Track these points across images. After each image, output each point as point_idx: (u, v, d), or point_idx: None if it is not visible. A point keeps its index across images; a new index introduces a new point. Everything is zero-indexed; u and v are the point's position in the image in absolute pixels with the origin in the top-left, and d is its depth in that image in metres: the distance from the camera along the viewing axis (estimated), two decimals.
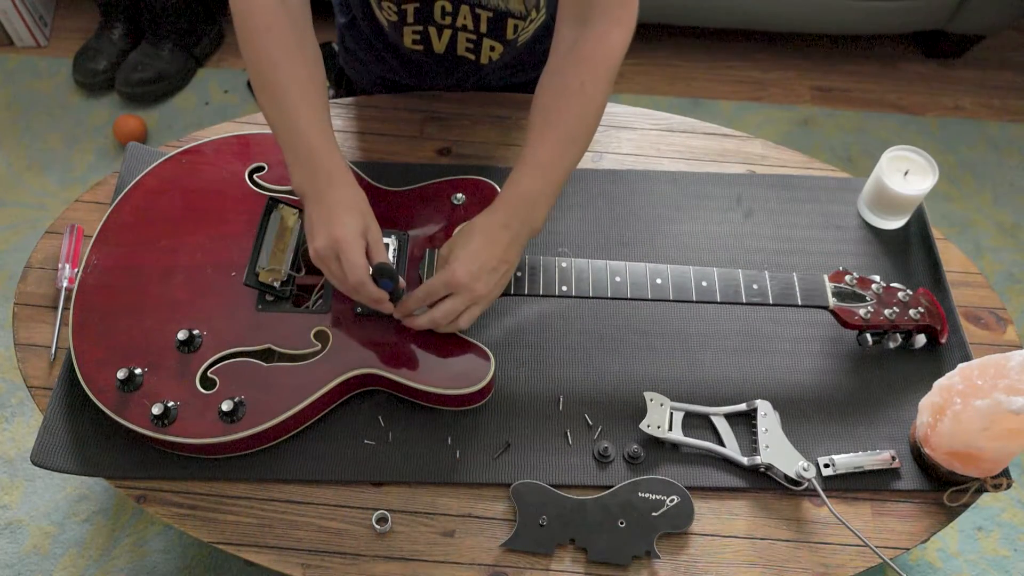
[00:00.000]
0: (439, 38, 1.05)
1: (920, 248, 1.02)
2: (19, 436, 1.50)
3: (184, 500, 0.83)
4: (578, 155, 0.87)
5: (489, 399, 0.88)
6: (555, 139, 0.85)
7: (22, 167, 1.88)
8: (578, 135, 0.86)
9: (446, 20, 1.02)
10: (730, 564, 0.81)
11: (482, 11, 0.99)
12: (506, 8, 0.98)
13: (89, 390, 0.83)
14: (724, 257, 1.01)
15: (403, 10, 1.00)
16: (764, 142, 1.13)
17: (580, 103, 0.85)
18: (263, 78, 0.84)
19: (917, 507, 0.85)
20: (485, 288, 0.82)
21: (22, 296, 0.96)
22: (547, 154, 0.84)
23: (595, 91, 0.85)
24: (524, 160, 0.85)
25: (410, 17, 1.02)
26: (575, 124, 0.85)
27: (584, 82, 0.85)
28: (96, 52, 1.98)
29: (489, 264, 0.81)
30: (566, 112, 0.85)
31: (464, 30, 1.03)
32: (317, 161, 0.82)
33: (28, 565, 1.36)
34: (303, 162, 0.83)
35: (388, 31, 1.07)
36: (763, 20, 2.01)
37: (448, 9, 1.00)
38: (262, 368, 0.84)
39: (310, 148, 0.82)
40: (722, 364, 0.93)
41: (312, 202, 0.82)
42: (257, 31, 0.84)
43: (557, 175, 0.85)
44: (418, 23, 1.02)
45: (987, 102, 2.08)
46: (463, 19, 1.01)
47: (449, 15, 1.01)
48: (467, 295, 0.81)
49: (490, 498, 0.84)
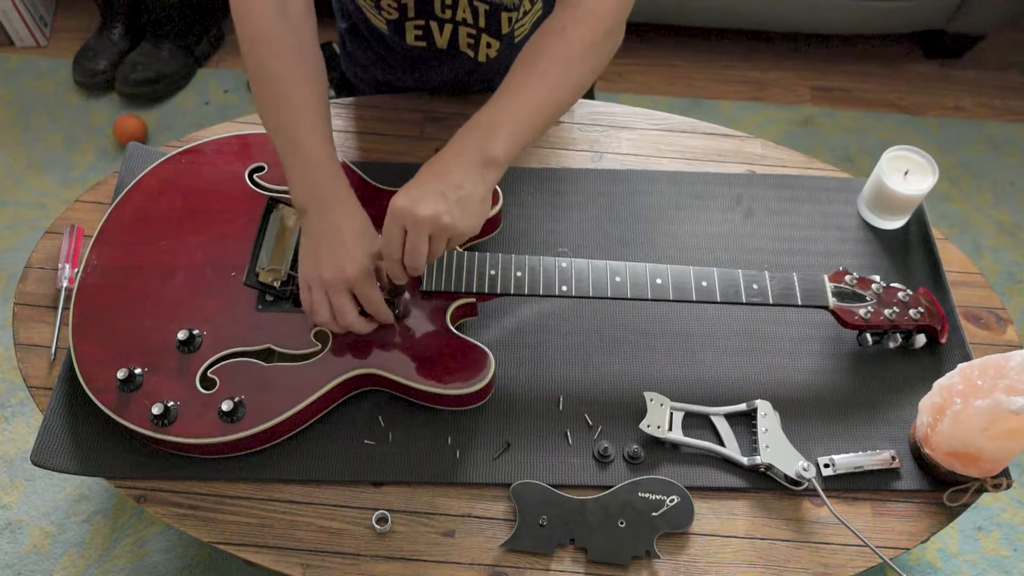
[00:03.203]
0: (440, 33, 1.05)
1: (920, 248, 1.02)
2: (19, 436, 1.50)
3: (184, 500, 0.83)
4: (551, 95, 0.82)
5: (489, 399, 0.88)
6: (524, 74, 0.82)
7: (22, 167, 1.88)
8: (550, 73, 0.81)
9: (446, 14, 1.01)
10: (730, 564, 0.81)
11: (480, 3, 0.99)
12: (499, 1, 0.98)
13: (89, 390, 0.83)
14: (724, 257, 1.01)
15: (404, 4, 1.00)
16: (764, 142, 1.13)
17: (558, 43, 0.82)
18: (263, 89, 0.84)
19: (917, 507, 0.85)
20: (431, 210, 0.75)
21: (22, 296, 0.96)
22: (514, 85, 0.82)
23: (576, 35, 0.82)
24: (493, 95, 0.82)
25: (411, 11, 1.02)
26: (547, 62, 0.82)
27: (566, 26, 0.82)
28: (96, 52, 1.98)
29: (433, 188, 0.76)
30: (542, 51, 0.82)
31: (464, 24, 1.03)
32: (320, 178, 0.82)
33: (28, 565, 1.36)
34: (305, 178, 0.82)
35: (388, 32, 1.07)
36: (763, 20, 2.01)
37: (448, 2, 1.00)
38: (262, 368, 0.84)
39: (315, 165, 0.82)
40: (722, 364, 0.93)
41: (314, 221, 0.81)
42: (256, 40, 0.84)
43: (522, 109, 0.80)
44: (419, 17, 1.02)
45: (987, 102, 2.08)
46: (463, 12, 1.01)
47: (449, 8, 1.00)
48: (413, 221, 0.75)
49: (490, 498, 0.84)
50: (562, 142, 1.11)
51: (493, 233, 1.00)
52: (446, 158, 0.79)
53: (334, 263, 0.80)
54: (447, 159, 0.79)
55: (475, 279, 0.89)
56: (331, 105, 1.11)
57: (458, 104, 1.13)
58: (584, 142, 1.12)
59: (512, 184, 1.04)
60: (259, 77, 0.84)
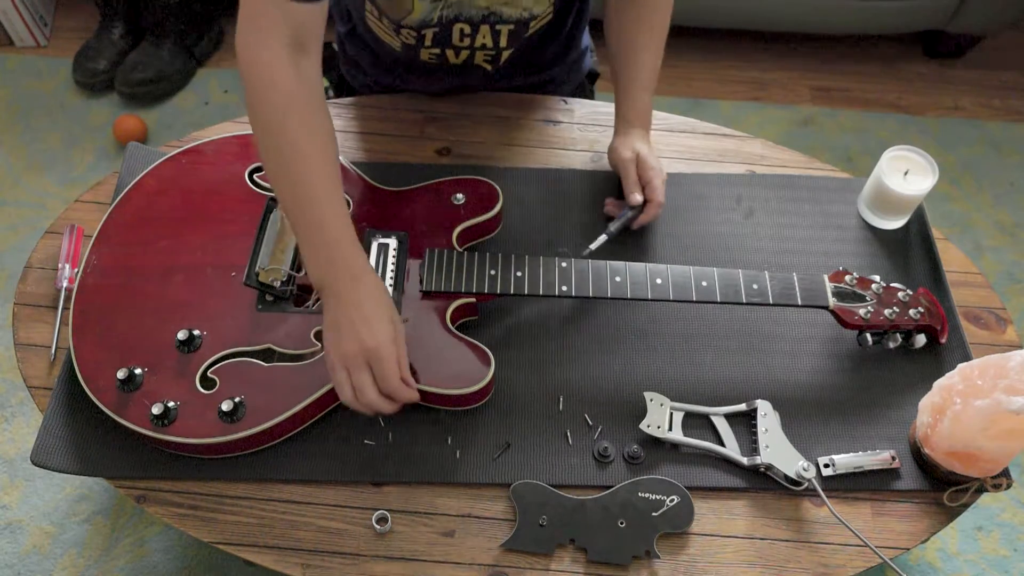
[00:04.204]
0: (456, 56, 1.05)
1: (920, 248, 1.02)
2: (19, 436, 1.50)
3: (184, 500, 0.83)
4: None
5: (489, 399, 0.88)
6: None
7: (22, 167, 1.88)
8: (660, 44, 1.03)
9: (464, 42, 1.02)
10: (730, 564, 0.81)
11: (503, 26, 0.99)
12: (529, 14, 0.99)
13: (89, 390, 0.83)
14: (724, 257, 1.01)
15: (422, 35, 1.00)
16: (764, 142, 1.13)
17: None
18: (282, 163, 0.79)
19: (917, 507, 0.85)
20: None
21: (22, 296, 0.96)
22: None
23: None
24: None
25: (428, 41, 1.02)
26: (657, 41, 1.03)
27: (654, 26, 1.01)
28: (96, 52, 1.98)
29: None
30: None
31: (483, 48, 1.03)
32: (340, 255, 0.79)
33: (28, 565, 1.36)
34: (324, 255, 0.79)
35: (401, 51, 1.06)
36: (763, 20, 2.01)
37: (467, 31, 1.00)
38: (262, 368, 0.84)
39: (333, 241, 0.79)
40: (722, 364, 0.93)
41: (333, 298, 0.79)
42: (276, 111, 0.79)
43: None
44: (435, 46, 1.02)
45: (987, 102, 2.08)
46: (482, 39, 1.01)
47: (468, 36, 1.01)
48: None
49: (490, 498, 0.84)
50: (562, 142, 1.11)
51: (493, 233, 1.00)
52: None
53: (354, 338, 0.78)
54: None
55: (475, 279, 0.89)
56: (331, 105, 1.11)
57: (458, 104, 1.13)
58: (584, 142, 1.11)
59: (512, 184, 1.04)
60: (277, 151, 0.79)
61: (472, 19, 0.98)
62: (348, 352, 0.78)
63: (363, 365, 0.78)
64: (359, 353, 0.77)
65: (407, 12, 0.96)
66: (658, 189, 0.97)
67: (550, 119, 1.14)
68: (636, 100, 1.02)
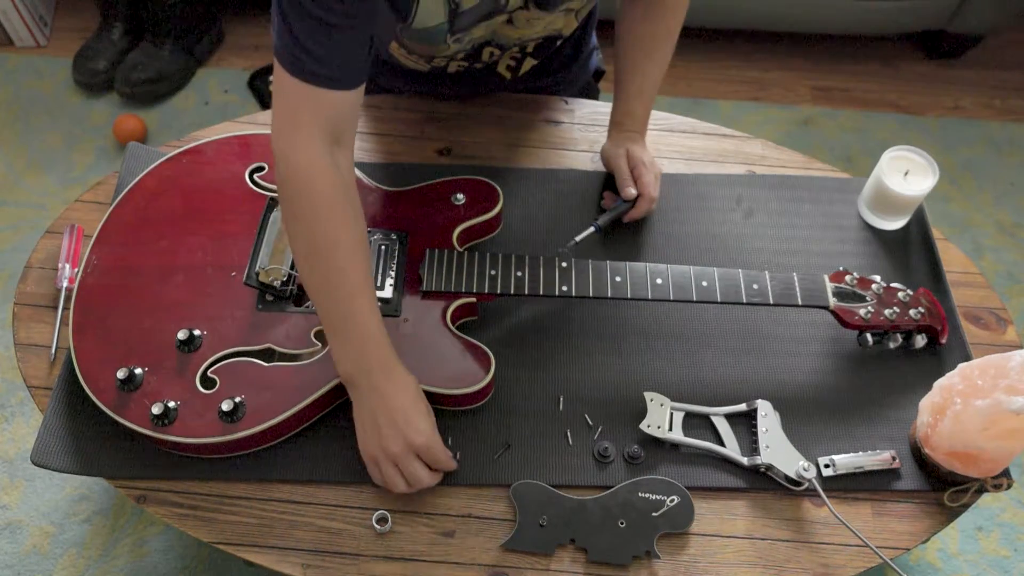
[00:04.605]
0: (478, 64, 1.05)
1: (920, 248, 1.02)
2: (19, 436, 1.50)
3: (184, 500, 0.83)
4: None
5: (489, 399, 0.88)
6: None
7: (22, 167, 1.88)
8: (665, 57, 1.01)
9: (491, 58, 1.02)
10: (730, 564, 0.81)
11: (531, 41, 1.00)
12: (558, 34, 0.99)
13: (89, 390, 0.83)
14: (724, 257, 1.01)
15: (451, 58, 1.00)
16: (764, 142, 1.13)
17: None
18: (318, 258, 0.79)
19: (917, 507, 0.85)
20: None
21: (22, 296, 0.96)
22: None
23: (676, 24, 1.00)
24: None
25: (455, 66, 1.03)
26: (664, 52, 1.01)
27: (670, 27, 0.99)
28: (96, 52, 1.98)
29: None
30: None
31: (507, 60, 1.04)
32: (373, 348, 0.79)
33: (28, 565, 1.36)
34: (356, 347, 0.79)
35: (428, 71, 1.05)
36: (763, 20, 2.01)
37: (496, 55, 1.01)
38: (262, 368, 0.84)
39: (367, 336, 0.79)
40: (722, 364, 0.93)
41: (365, 393, 0.79)
42: (312, 207, 0.78)
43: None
44: (464, 60, 1.03)
45: (987, 102, 2.08)
46: (508, 60, 1.02)
47: (496, 56, 1.02)
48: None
49: (490, 498, 0.84)
50: (562, 142, 1.11)
51: (493, 233, 1.00)
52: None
53: (399, 436, 0.78)
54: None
55: (475, 279, 0.89)
56: None
57: (458, 104, 1.13)
58: (584, 142, 1.11)
59: (512, 184, 1.05)
60: (316, 244, 0.79)
61: (504, 45, 1.00)
62: (396, 450, 0.78)
63: (411, 456, 0.79)
64: (407, 451, 0.78)
65: (442, 51, 0.96)
66: (650, 184, 0.98)
67: (551, 119, 1.14)
68: (633, 108, 1.02)
